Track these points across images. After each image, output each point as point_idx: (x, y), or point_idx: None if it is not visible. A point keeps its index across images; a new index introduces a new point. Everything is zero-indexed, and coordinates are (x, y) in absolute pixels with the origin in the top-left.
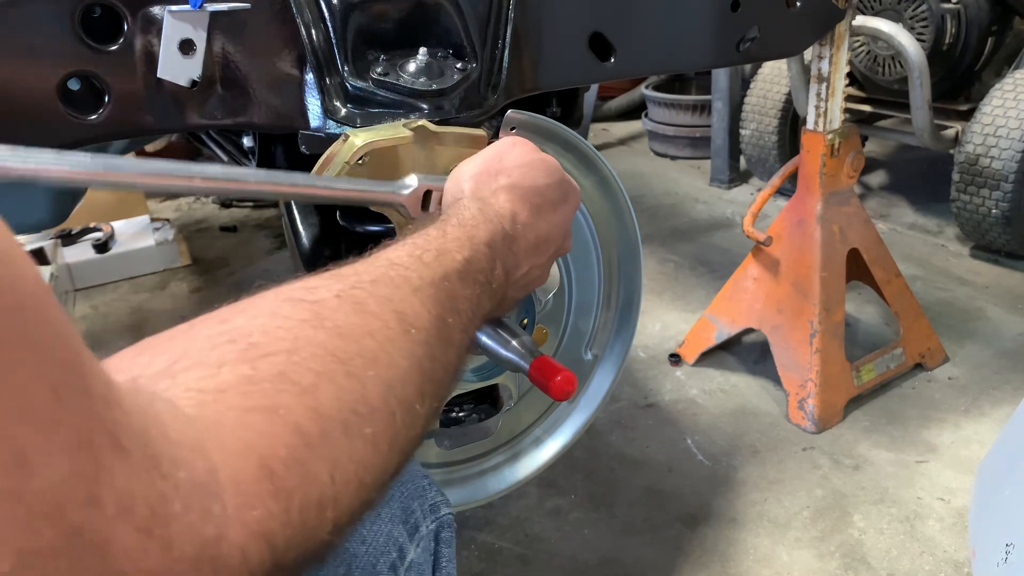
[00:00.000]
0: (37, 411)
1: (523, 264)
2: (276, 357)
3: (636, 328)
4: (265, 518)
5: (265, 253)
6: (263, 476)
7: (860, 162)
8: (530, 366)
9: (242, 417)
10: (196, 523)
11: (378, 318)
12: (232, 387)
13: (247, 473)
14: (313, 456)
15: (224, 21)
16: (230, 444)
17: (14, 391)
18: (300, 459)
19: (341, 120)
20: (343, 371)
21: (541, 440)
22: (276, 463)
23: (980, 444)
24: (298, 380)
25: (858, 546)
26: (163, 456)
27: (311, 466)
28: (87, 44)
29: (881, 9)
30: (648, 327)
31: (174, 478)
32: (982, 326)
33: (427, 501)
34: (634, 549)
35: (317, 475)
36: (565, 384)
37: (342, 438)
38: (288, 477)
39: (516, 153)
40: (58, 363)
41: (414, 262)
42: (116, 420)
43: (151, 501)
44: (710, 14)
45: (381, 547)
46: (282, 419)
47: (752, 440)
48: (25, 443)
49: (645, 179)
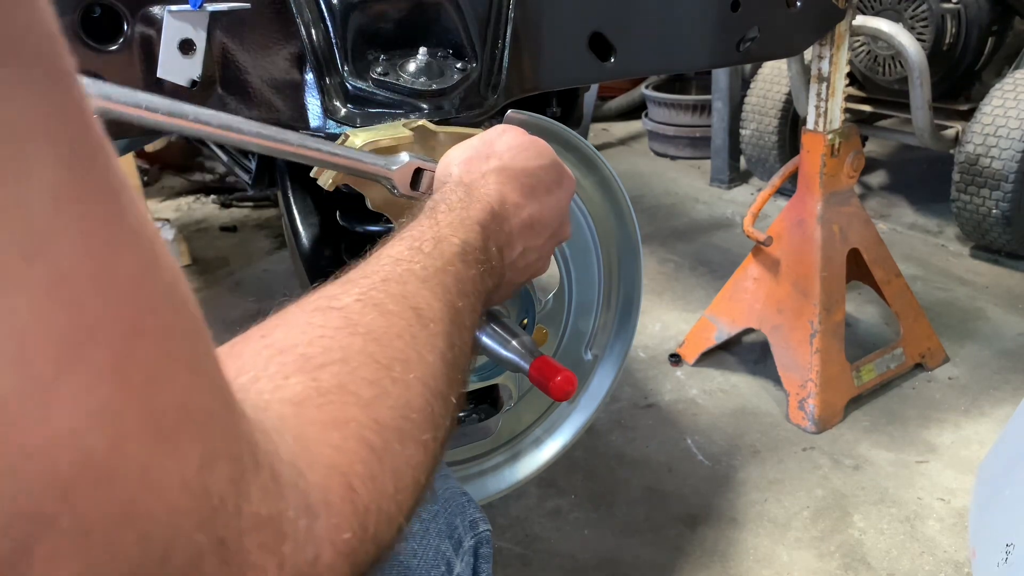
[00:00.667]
0: (204, 419)
1: (517, 244)
2: (333, 367)
3: (636, 328)
4: (351, 538)
5: (265, 253)
6: (347, 495)
7: (860, 162)
8: (530, 366)
9: (322, 433)
10: (302, 543)
11: (400, 317)
12: (305, 400)
13: (335, 492)
14: (382, 470)
15: (224, 21)
16: (317, 461)
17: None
18: (373, 474)
19: (341, 120)
20: (389, 378)
21: (541, 440)
22: (355, 480)
23: (980, 444)
24: (357, 391)
25: (858, 546)
26: (281, 474)
27: (381, 480)
28: (87, 44)
29: (881, 9)
30: (648, 327)
31: (288, 497)
32: (982, 326)
33: (467, 517)
34: (634, 549)
35: (385, 488)
36: (565, 384)
37: (399, 447)
38: (365, 494)
39: (506, 137)
40: (213, 380)
41: (415, 254)
42: (253, 435)
43: (274, 519)
44: (710, 14)
45: (431, 561)
46: (354, 433)
47: (752, 440)
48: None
49: (645, 179)
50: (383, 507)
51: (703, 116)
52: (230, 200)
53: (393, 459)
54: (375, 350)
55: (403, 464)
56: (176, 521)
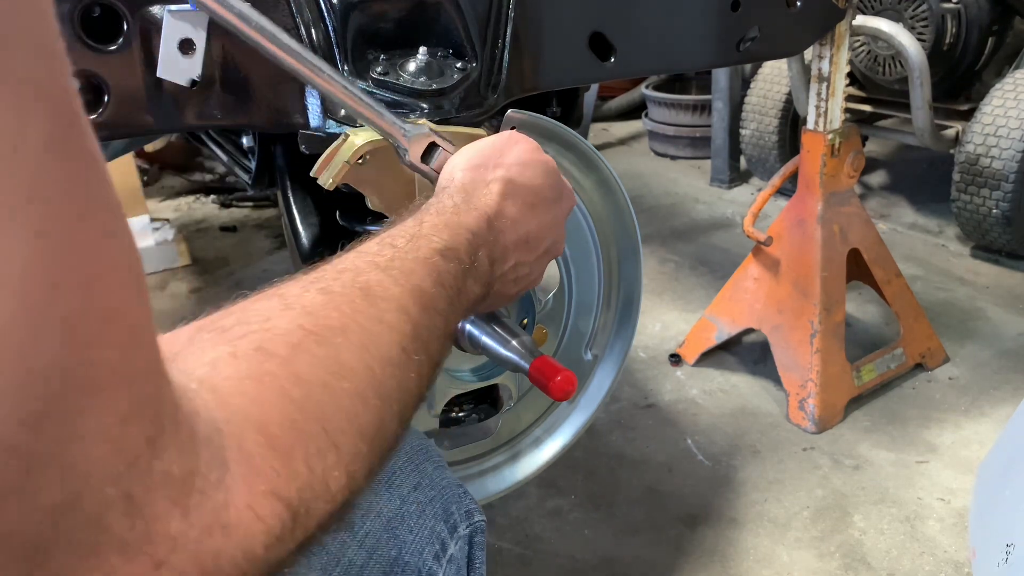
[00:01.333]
0: (133, 377)
1: (510, 258)
2: (253, 336)
3: (636, 328)
4: (270, 476)
5: (265, 253)
6: (265, 441)
7: (860, 162)
8: (530, 366)
9: (238, 387)
10: (211, 493)
11: (343, 296)
12: (221, 361)
13: (250, 439)
14: (304, 417)
15: None
16: (234, 413)
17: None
18: (294, 420)
19: (341, 120)
20: (314, 340)
21: (541, 440)
22: (273, 427)
23: (980, 444)
24: (275, 351)
25: (858, 546)
26: (198, 432)
27: (302, 423)
28: (87, 44)
29: (881, 9)
30: (648, 327)
31: (202, 454)
32: (982, 326)
33: (463, 507)
34: (634, 549)
35: (309, 429)
36: (565, 384)
37: (324, 395)
38: (284, 436)
39: (517, 150)
40: (147, 344)
41: (384, 248)
42: (174, 397)
43: (185, 476)
44: (710, 14)
45: (426, 537)
46: (268, 386)
47: (752, 440)
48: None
49: (645, 179)
50: (310, 446)
51: (703, 116)
52: (230, 200)
53: (316, 405)
54: (304, 320)
55: (331, 409)
56: (91, 471)
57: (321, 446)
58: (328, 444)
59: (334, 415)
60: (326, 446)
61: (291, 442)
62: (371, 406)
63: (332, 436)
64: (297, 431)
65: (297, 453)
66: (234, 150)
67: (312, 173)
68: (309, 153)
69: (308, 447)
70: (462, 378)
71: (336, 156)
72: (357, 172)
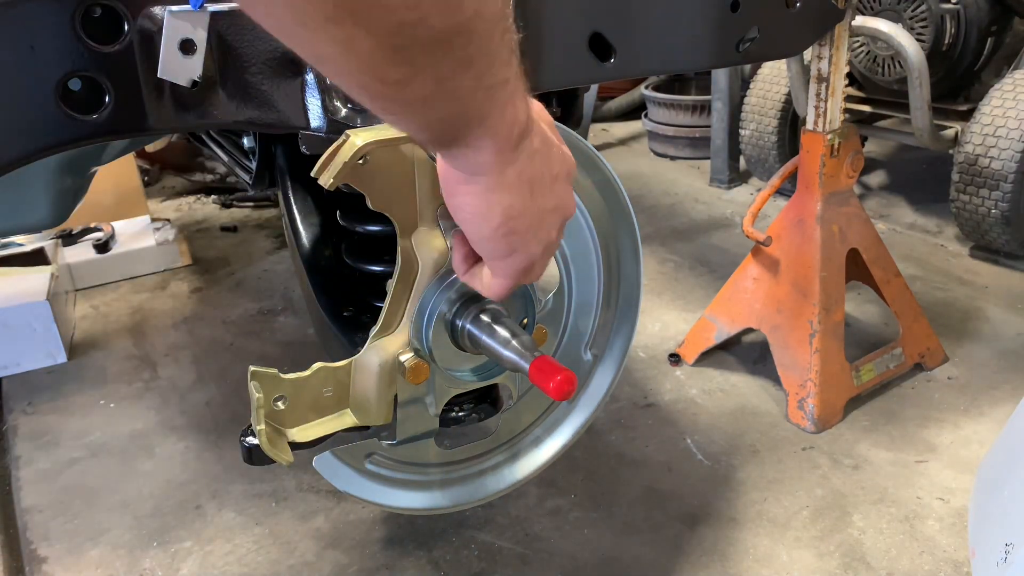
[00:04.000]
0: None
1: (536, 139)
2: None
3: (636, 328)
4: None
5: (265, 253)
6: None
7: (860, 162)
8: (530, 366)
9: None
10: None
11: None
12: None
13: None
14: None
15: (224, 21)
16: None
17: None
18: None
19: (341, 120)
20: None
21: (541, 440)
22: None
23: (980, 444)
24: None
25: (857, 546)
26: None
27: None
28: (87, 44)
29: (881, 9)
30: (648, 327)
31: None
32: (981, 326)
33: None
34: (634, 549)
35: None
36: (564, 384)
37: None
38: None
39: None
40: None
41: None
42: None
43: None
44: (710, 15)
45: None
46: None
47: (752, 440)
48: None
49: (645, 179)
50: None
51: (703, 116)
52: (230, 200)
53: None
54: None
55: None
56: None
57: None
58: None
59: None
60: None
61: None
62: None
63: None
64: None
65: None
66: (235, 150)
67: (312, 173)
68: (309, 153)
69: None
70: (462, 378)
71: (337, 156)
72: (358, 172)
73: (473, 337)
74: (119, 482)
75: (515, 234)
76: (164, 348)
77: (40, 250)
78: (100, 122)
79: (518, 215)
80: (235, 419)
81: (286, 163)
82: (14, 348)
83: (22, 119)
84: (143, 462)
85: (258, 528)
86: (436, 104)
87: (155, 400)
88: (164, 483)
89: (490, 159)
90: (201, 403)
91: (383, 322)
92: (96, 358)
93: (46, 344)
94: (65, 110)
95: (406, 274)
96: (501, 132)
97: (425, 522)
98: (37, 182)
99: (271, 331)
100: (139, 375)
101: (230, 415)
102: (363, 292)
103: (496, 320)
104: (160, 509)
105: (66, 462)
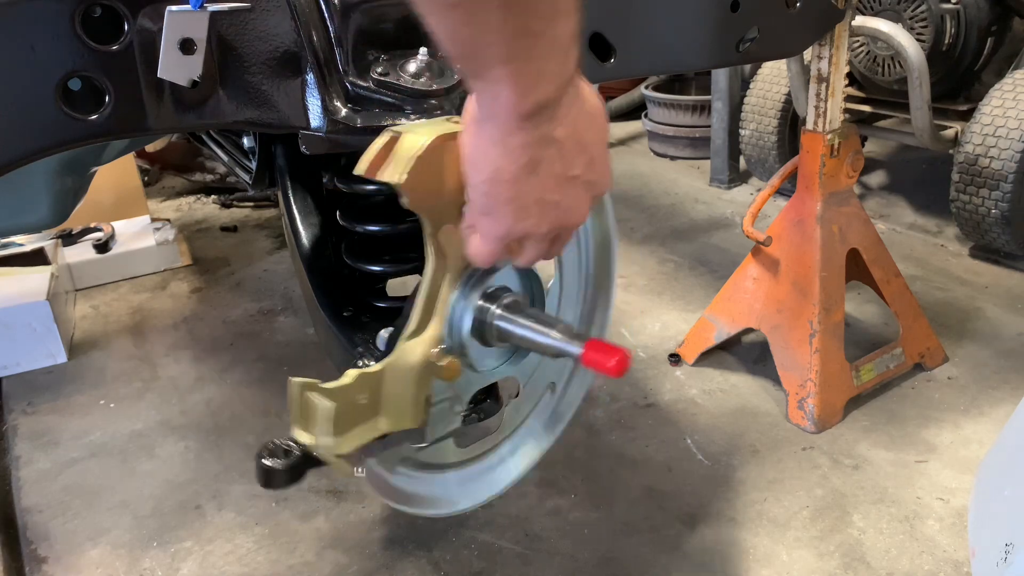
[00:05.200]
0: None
1: (575, 105)
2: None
3: (610, 320)
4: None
5: (265, 253)
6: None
7: (859, 162)
8: (584, 350)
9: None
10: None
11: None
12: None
13: None
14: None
15: (224, 21)
16: None
17: None
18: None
19: (341, 120)
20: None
21: (536, 431)
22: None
23: (979, 444)
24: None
25: (857, 546)
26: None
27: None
28: (87, 44)
29: (881, 9)
30: (648, 327)
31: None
32: (981, 326)
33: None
34: (633, 548)
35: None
36: (624, 361)
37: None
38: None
39: None
40: None
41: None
42: None
43: None
44: (710, 15)
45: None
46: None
47: (752, 440)
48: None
49: (645, 179)
50: None
51: (703, 116)
52: (230, 200)
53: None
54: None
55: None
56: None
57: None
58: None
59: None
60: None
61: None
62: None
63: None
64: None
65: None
66: (235, 150)
67: (362, 172)
68: (310, 153)
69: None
70: (486, 374)
71: (399, 151)
72: (420, 168)
73: (504, 330)
74: (119, 482)
75: (493, 197)
76: (164, 348)
77: (40, 250)
78: (100, 122)
79: (505, 181)
80: (235, 419)
81: (286, 163)
82: (14, 348)
83: (22, 119)
84: (143, 462)
85: (258, 528)
86: (463, 14)
87: (155, 400)
88: (164, 483)
89: (502, 111)
90: (201, 403)
91: (418, 322)
92: (96, 358)
93: (46, 344)
94: (65, 110)
95: (439, 272)
96: (520, 85)
97: (425, 522)
98: (37, 182)
99: (271, 331)
100: (139, 375)
101: (230, 415)
102: (363, 292)
103: (527, 313)
104: (160, 509)
105: (66, 462)
